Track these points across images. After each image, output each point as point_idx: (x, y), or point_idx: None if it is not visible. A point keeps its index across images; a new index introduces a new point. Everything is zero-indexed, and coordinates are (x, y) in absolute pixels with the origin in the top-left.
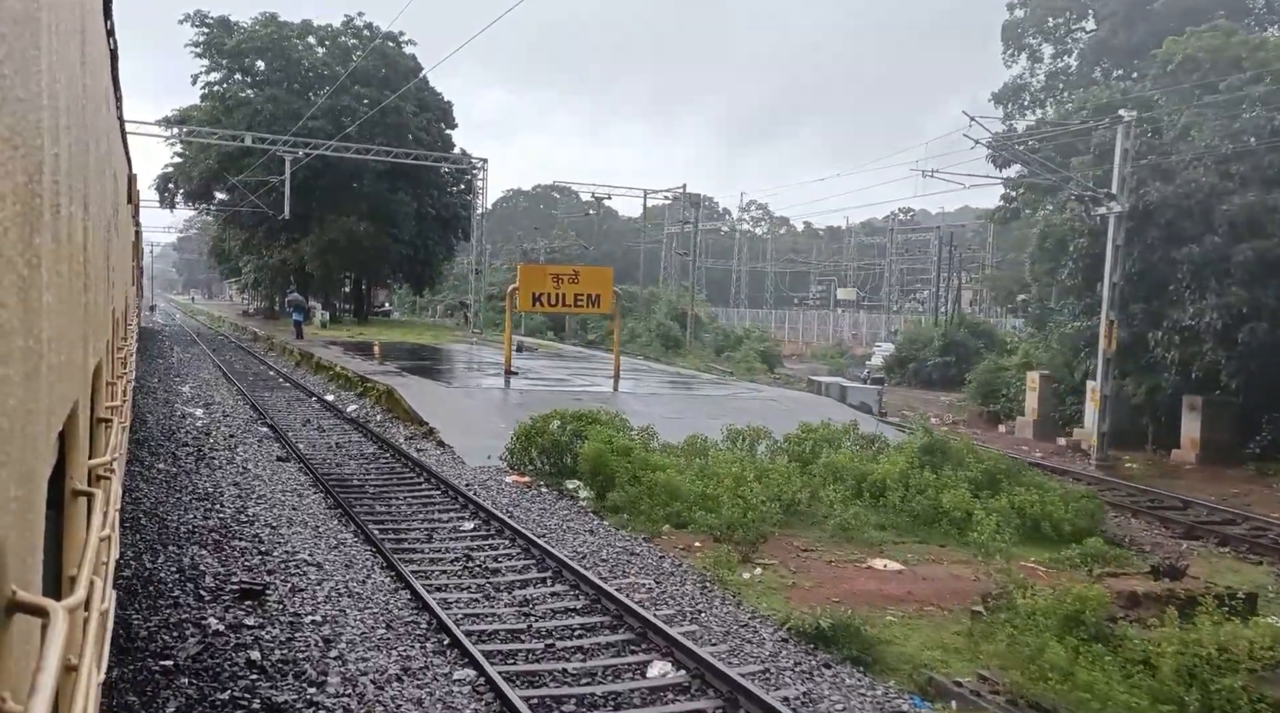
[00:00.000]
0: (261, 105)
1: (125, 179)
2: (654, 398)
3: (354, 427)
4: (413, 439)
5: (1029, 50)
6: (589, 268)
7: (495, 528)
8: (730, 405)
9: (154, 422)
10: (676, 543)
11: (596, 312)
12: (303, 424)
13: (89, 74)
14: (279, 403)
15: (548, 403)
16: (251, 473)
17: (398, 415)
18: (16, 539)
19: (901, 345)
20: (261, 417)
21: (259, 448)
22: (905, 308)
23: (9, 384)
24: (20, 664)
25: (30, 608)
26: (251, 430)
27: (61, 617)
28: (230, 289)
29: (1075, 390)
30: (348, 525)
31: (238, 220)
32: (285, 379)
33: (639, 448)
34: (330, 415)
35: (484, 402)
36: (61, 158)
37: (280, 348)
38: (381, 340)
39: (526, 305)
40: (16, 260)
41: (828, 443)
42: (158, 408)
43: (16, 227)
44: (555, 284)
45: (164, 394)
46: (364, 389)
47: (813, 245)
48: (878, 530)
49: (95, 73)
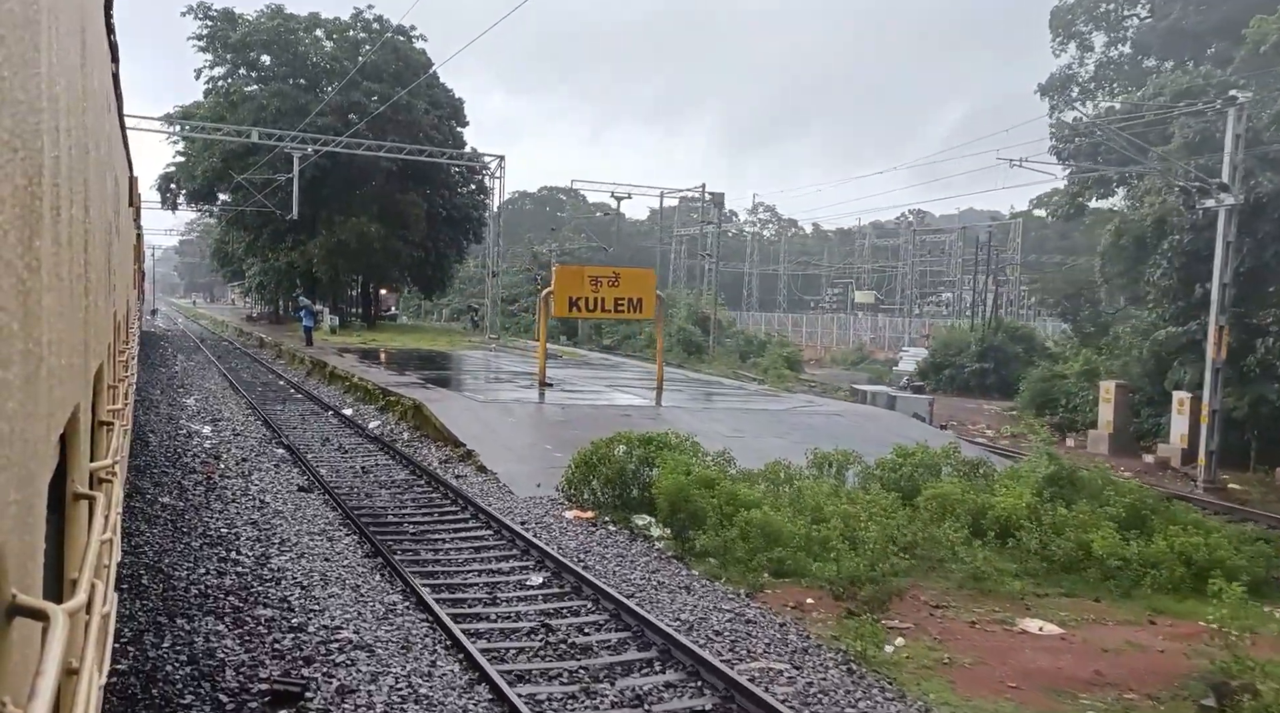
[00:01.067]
0: (267, 101)
1: (127, 181)
2: (707, 413)
3: (379, 447)
4: (448, 463)
5: (1079, 39)
6: (630, 270)
7: (570, 583)
8: (792, 421)
9: (157, 443)
10: (784, 599)
11: (638, 317)
12: (322, 443)
13: (89, 76)
14: (293, 418)
15: (593, 420)
16: (270, 508)
17: (428, 434)
18: (17, 543)
19: (935, 350)
20: (276, 435)
21: (276, 474)
22: (926, 311)
23: (9, 388)
24: (21, 668)
25: (31, 612)
26: (266, 452)
27: (62, 620)
28: (232, 293)
29: (1151, 401)
30: (393, 582)
31: (242, 222)
32: (297, 390)
33: (721, 479)
34: (351, 433)
35: (523, 419)
36: (62, 160)
37: (289, 355)
38: (394, 347)
39: (563, 311)
40: (16, 263)
41: (927, 469)
42: (161, 425)
43: (16, 229)
44: (594, 287)
45: (167, 408)
46: (386, 403)
47: (823, 247)
48: (1014, 580)
49: (96, 75)
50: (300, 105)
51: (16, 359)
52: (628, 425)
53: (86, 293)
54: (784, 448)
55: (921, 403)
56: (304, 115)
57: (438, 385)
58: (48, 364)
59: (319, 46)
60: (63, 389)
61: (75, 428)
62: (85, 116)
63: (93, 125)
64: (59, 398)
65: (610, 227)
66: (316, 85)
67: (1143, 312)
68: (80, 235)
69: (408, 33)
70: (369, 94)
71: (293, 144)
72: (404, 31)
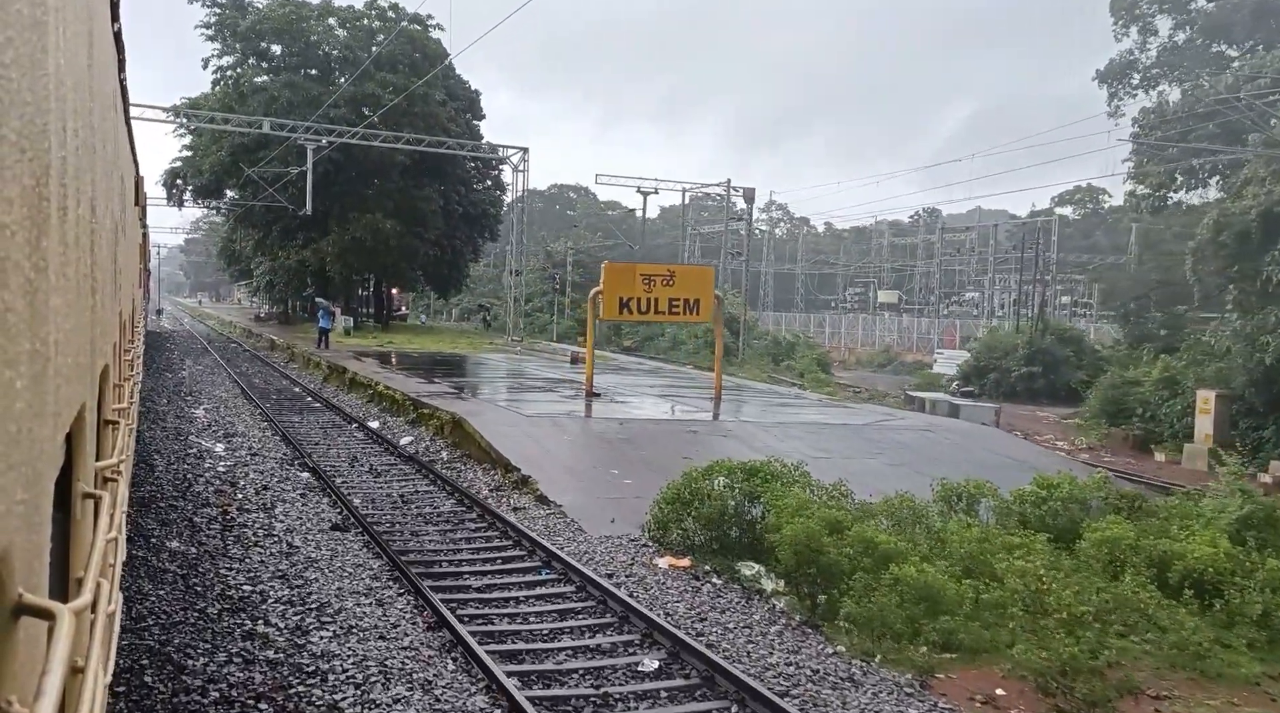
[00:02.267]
0: (278, 92)
1: (133, 181)
2: (781, 430)
3: (417, 469)
4: (501, 491)
5: (1141, 22)
6: (686, 268)
7: (696, 670)
8: (878, 438)
9: (164, 467)
10: (966, 687)
11: (694, 320)
12: (350, 464)
13: (96, 76)
14: (313, 432)
15: (656, 438)
16: (301, 554)
17: (470, 453)
18: (23, 542)
19: (979, 353)
20: (297, 453)
21: (303, 506)
22: (952, 311)
23: (15, 388)
24: (27, 667)
25: (37, 611)
26: (289, 477)
27: (68, 620)
28: (238, 292)
29: (1252, 412)
30: (471, 671)
31: (250, 219)
32: (315, 398)
33: (848, 520)
34: (381, 451)
35: (578, 436)
36: (69, 160)
37: (303, 359)
38: (413, 350)
39: (613, 313)
40: (24, 263)
41: (1076, 503)
42: (168, 442)
43: (24, 230)
44: (646, 287)
45: (174, 421)
46: (418, 415)
47: (838, 246)
48: (1245, 659)
49: (103, 75)
50: (312, 97)
51: (24, 359)
52: (696, 444)
53: (93, 292)
54: (880, 472)
55: (986, 411)
56: (316, 107)
57: (472, 395)
58: (54, 364)
59: (331, 35)
60: (69, 389)
61: (81, 427)
62: (92, 117)
63: (99, 125)
64: (65, 397)
65: (635, 224)
66: (329, 76)
67: (1234, 314)
68: (87, 235)
69: (424, 21)
70: (384, 85)
71: (306, 136)
72: (420, 20)
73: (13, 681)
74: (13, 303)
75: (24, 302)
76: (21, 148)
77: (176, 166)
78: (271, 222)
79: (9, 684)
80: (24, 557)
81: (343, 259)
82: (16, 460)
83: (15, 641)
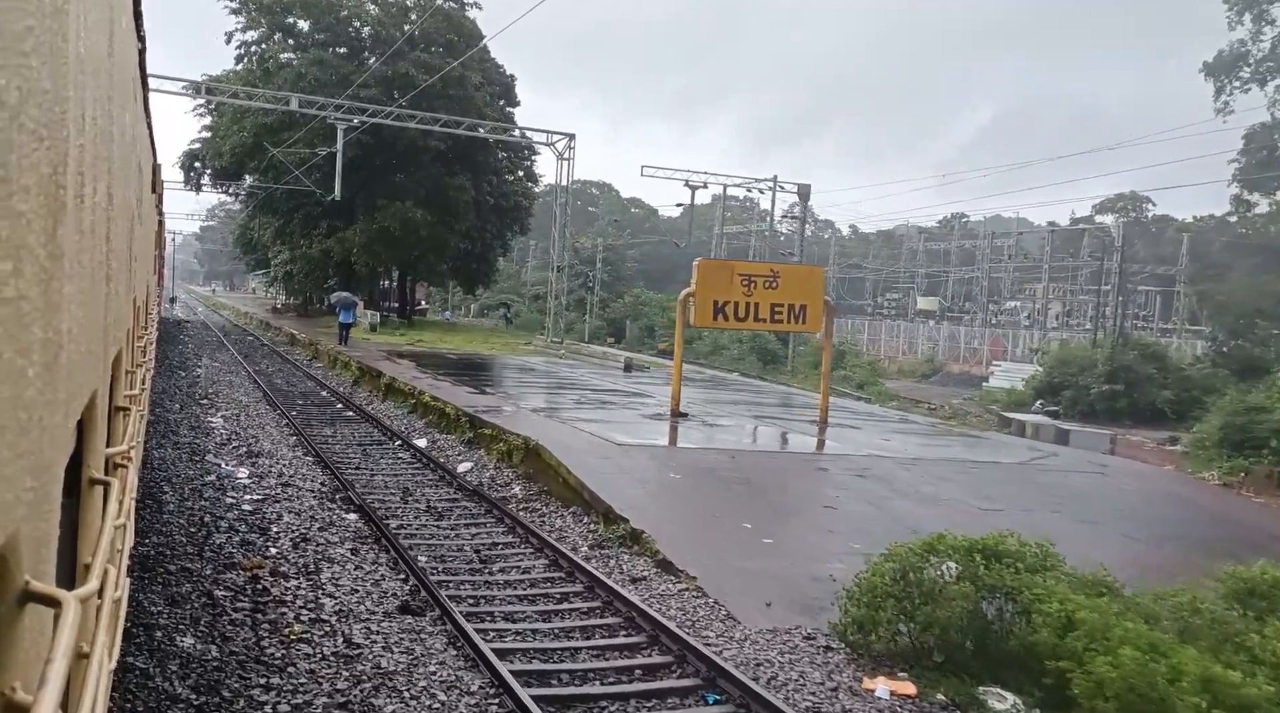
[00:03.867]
0: (305, 69)
1: (150, 168)
2: (922, 468)
3: (486, 509)
4: (605, 549)
5: (1256, 10)
6: (792, 268)
7: None
8: (1044, 481)
9: (175, 506)
10: None
11: (800, 329)
12: (402, 499)
13: (117, 64)
14: (351, 451)
15: (779, 476)
16: (366, 659)
17: (549, 489)
18: (31, 530)
19: (1053, 368)
20: (337, 482)
21: (356, 570)
22: (1003, 320)
23: (27, 376)
24: (32, 654)
25: (43, 598)
26: (333, 520)
27: (74, 608)
28: (253, 282)
29: None
30: None
31: (270, 206)
32: (346, 405)
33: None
34: (436, 479)
35: (687, 472)
36: (87, 149)
37: (329, 358)
38: (447, 350)
39: (706, 319)
40: (39, 252)
41: None
42: (181, 466)
43: (40, 219)
44: (746, 290)
45: (188, 434)
46: (475, 435)
47: (865, 250)
48: None
49: (123, 62)
50: (341, 76)
51: (36, 347)
52: (829, 486)
53: (108, 281)
54: (1072, 532)
55: (1099, 439)
56: (345, 87)
57: (534, 410)
58: (67, 352)
59: (363, 11)
60: (81, 376)
61: (92, 414)
62: (111, 104)
63: (118, 113)
64: (77, 385)
65: (659, 223)
66: (359, 55)
67: None
68: (103, 223)
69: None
70: (418, 65)
71: (337, 114)
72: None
73: (17, 667)
74: (27, 291)
75: (38, 290)
76: (40, 136)
77: (195, 148)
78: (293, 209)
79: (14, 671)
80: (32, 544)
81: (369, 250)
82: (26, 449)
83: (21, 628)
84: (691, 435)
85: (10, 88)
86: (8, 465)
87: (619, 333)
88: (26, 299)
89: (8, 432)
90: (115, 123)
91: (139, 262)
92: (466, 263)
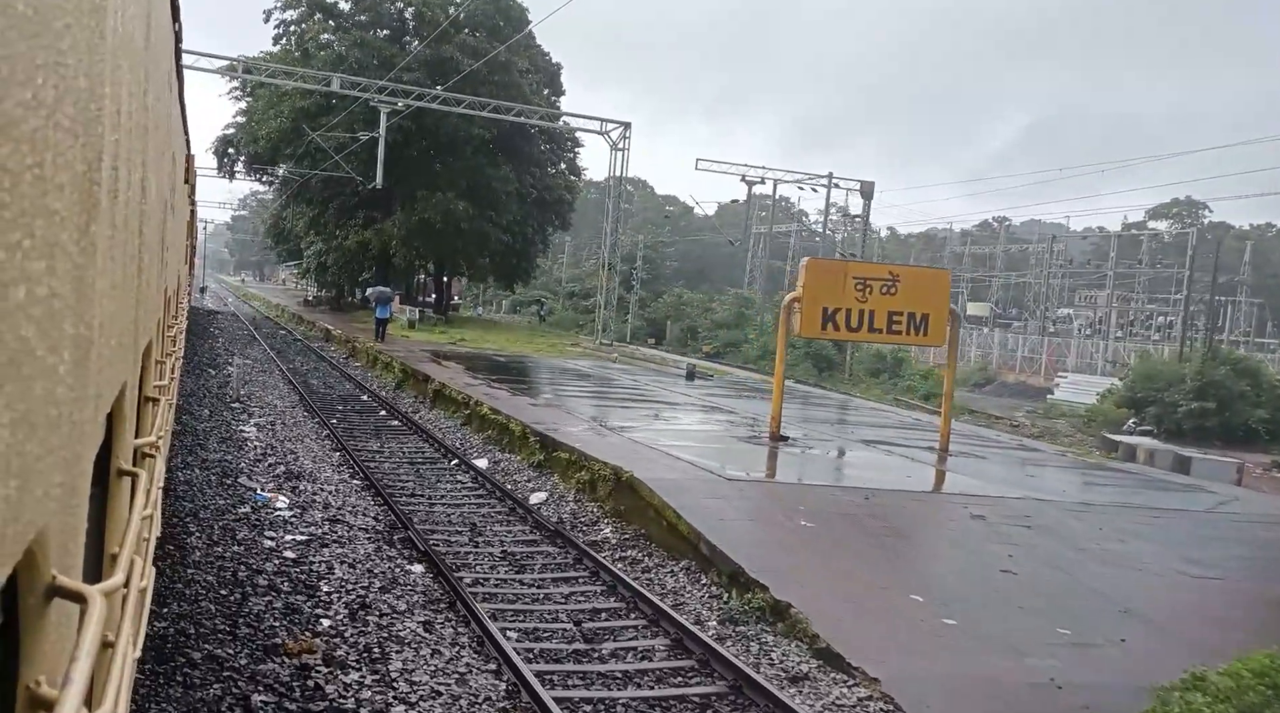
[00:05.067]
0: (346, 51)
1: (184, 159)
2: (1097, 515)
3: (573, 556)
4: (740, 625)
5: None
6: (914, 270)
7: None
8: (1261, 536)
9: (202, 552)
10: None
11: (922, 342)
12: (471, 538)
13: (152, 59)
14: (403, 471)
15: (926, 525)
16: None
17: (648, 532)
18: (59, 524)
19: (1135, 382)
20: (394, 517)
21: (431, 655)
22: (1056, 327)
23: (58, 372)
24: (57, 648)
25: (69, 594)
26: (395, 576)
27: (99, 603)
28: (284, 273)
29: None
30: None
31: (305, 195)
32: (390, 411)
33: None
34: (506, 512)
35: (818, 519)
36: (122, 144)
37: (366, 356)
38: (491, 350)
39: (814, 329)
40: (72, 249)
41: None
42: (209, 495)
43: (74, 216)
44: (860, 295)
45: (218, 448)
46: (546, 458)
47: (903, 252)
48: None
49: (158, 58)
50: (383, 59)
51: (68, 343)
52: (995, 540)
53: (139, 273)
54: None
55: (1225, 468)
56: (387, 70)
57: (609, 427)
58: (98, 346)
59: None
60: (111, 369)
61: (122, 406)
62: (146, 98)
63: (154, 106)
64: (107, 378)
65: (694, 221)
66: (401, 38)
67: None
68: (136, 217)
69: None
70: (463, 49)
71: (381, 97)
72: None
73: (43, 660)
74: (59, 288)
75: (70, 286)
76: (75, 133)
77: (229, 133)
78: (329, 198)
79: (39, 664)
80: (60, 538)
81: (409, 243)
82: (56, 444)
83: (47, 621)
84: (806, 467)
85: (47, 86)
86: (38, 461)
87: (658, 334)
88: (59, 296)
89: (38, 428)
90: (150, 116)
91: (171, 252)
92: (507, 258)
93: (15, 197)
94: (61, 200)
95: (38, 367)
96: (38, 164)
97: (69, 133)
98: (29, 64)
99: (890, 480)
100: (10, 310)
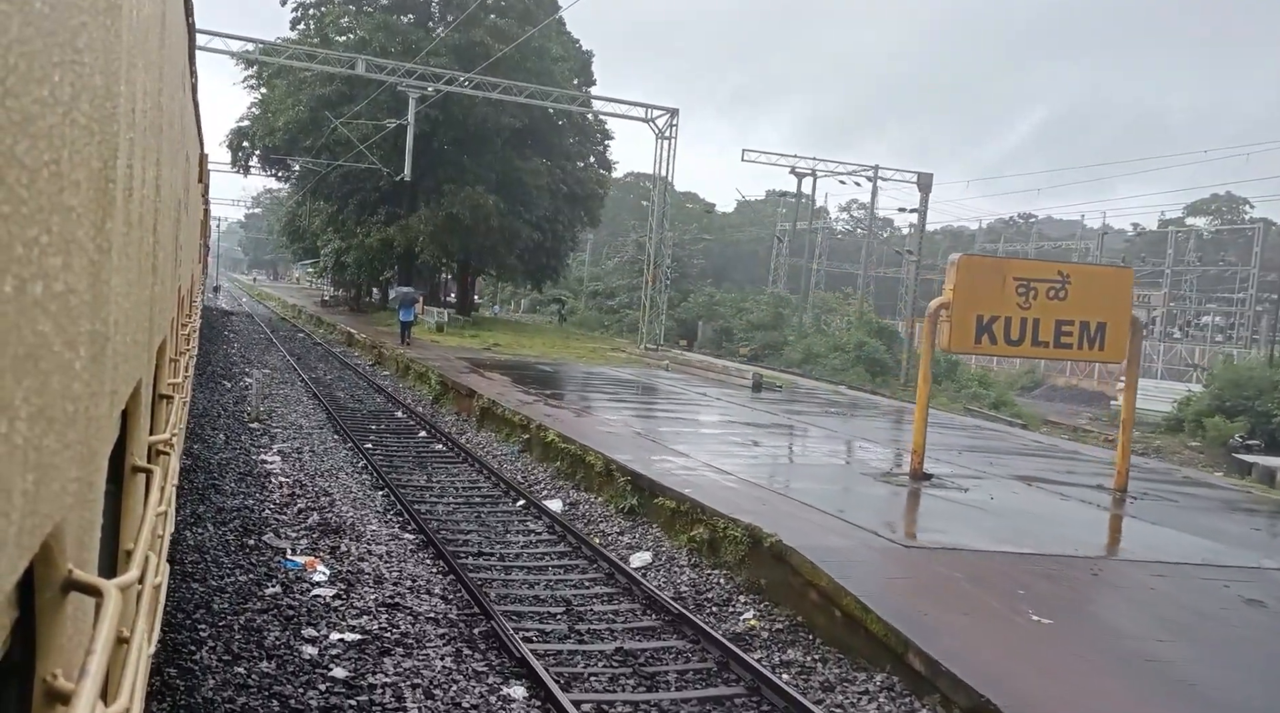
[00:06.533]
0: (369, 35)
1: (198, 158)
2: None
3: (718, 661)
4: None
5: None
6: (1088, 269)
7: None
8: None
9: (219, 675)
10: None
11: (1098, 357)
12: (570, 628)
13: (167, 59)
14: (462, 518)
15: (1180, 616)
16: None
17: (806, 619)
18: (75, 519)
19: (1220, 390)
20: (459, 589)
21: None
22: None
23: (74, 369)
24: (73, 641)
25: (85, 588)
26: (488, 706)
27: (114, 597)
28: (297, 271)
29: None
30: None
31: (323, 190)
32: (431, 432)
33: None
34: (603, 581)
35: (1054, 610)
36: (136, 142)
37: (395, 364)
38: (531, 356)
39: (965, 342)
40: (88, 246)
41: None
42: (225, 562)
43: (90, 213)
44: (1022, 301)
45: (234, 488)
46: (639, 503)
47: (934, 248)
48: None
49: (173, 57)
50: (409, 44)
51: (84, 340)
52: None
53: (154, 271)
54: None
55: None
56: (413, 56)
57: (705, 464)
58: (113, 343)
59: None
60: (126, 367)
61: (136, 403)
62: (161, 97)
63: (168, 105)
64: (123, 375)
65: (714, 219)
66: (426, 23)
67: None
68: (150, 215)
69: None
70: (493, 33)
71: (409, 81)
72: None
73: (59, 654)
74: (75, 285)
75: (86, 283)
76: (91, 131)
77: (244, 125)
78: (348, 193)
79: (55, 657)
80: (76, 533)
81: (436, 240)
82: (72, 439)
83: (63, 615)
84: (981, 523)
85: (64, 84)
86: (54, 456)
87: (689, 335)
88: (75, 293)
89: (55, 423)
90: (164, 114)
91: (185, 250)
92: (536, 256)
93: (33, 192)
94: (78, 197)
95: (54, 362)
96: (54, 161)
97: (85, 130)
98: (46, 61)
99: (1098, 542)
100: (28, 305)
